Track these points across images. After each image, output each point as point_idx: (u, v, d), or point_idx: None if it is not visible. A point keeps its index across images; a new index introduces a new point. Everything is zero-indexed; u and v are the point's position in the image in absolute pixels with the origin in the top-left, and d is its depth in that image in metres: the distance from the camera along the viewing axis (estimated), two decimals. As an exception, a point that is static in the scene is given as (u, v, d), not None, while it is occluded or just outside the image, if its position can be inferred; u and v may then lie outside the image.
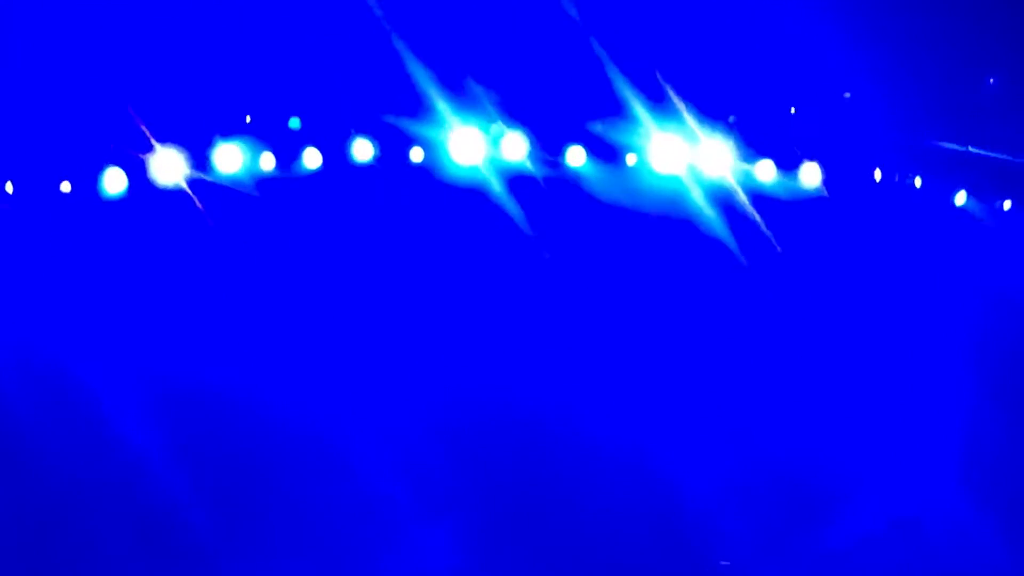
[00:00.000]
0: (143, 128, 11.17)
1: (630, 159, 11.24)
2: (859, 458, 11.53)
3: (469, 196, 11.34)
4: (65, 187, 11.32)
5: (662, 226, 11.40)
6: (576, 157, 11.27)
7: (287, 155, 11.35)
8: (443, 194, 11.41)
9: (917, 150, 11.14)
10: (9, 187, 11.35)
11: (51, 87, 11.03)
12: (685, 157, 11.10)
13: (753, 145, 11.19)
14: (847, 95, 11.19)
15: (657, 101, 11.00)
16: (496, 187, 11.28)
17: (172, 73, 11.11)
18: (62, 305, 11.50)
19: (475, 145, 11.19)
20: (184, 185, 11.31)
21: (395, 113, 11.28)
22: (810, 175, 11.20)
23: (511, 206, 11.33)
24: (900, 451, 11.52)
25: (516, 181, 11.33)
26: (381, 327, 11.80)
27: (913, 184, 11.24)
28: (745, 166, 11.17)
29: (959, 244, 11.32)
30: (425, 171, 11.33)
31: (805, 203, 11.28)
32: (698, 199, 11.16)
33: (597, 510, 11.65)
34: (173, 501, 11.60)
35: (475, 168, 11.25)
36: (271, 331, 11.76)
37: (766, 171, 11.24)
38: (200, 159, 11.32)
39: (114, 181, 11.28)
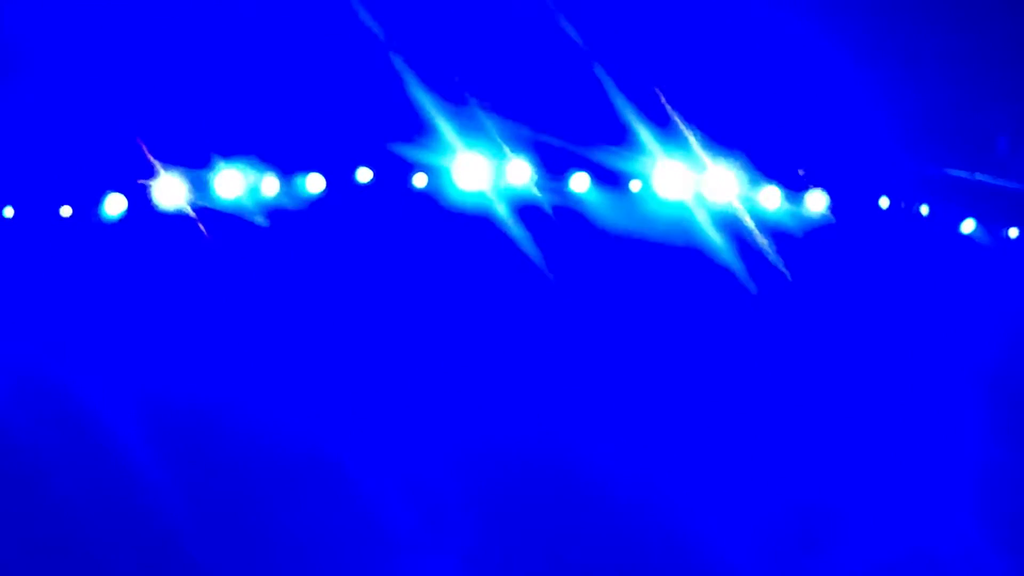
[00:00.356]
0: (145, 152, 11.19)
1: (634, 186, 11.18)
2: (870, 487, 11.46)
3: (474, 223, 11.31)
4: (66, 211, 11.37)
5: (669, 253, 11.35)
6: (580, 183, 11.22)
7: (289, 179, 11.34)
8: (447, 220, 11.39)
9: (924, 177, 11.08)
10: (9, 211, 11.39)
11: (51, 108, 11.07)
12: (691, 184, 11.06)
13: (759, 171, 11.13)
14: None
15: (663, 127, 10.96)
16: (502, 213, 11.25)
17: (168, 93, 11.10)
18: (63, 326, 11.51)
19: (480, 171, 11.14)
20: (188, 209, 11.33)
21: (398, 138, 11.25)
22: (816, 202, 11.15)
23: (517, 232, 11.29)
24: (910, 479, 11.45)
25: (521, 208, 11.29)
26: (382, 350, 11.76)
27: (919, 212, 11.19)
28: (751, 193, 11.12)
29: (966, 272, 11.27)
30: (429, 196, 11.30)
31: (811, 230, 11.22)
32: (705, 226, 11.11)
33: (604, 535, 11.60)
34: (171, 521, 11.58)
35: (480, 194, 11.21)
36: (273, 355, 11.73)
37: (771, 198, 11.19)
38: (201, 183, 11.31)
39: (115, 205, 11.31)
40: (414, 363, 11.71)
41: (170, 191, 11.25)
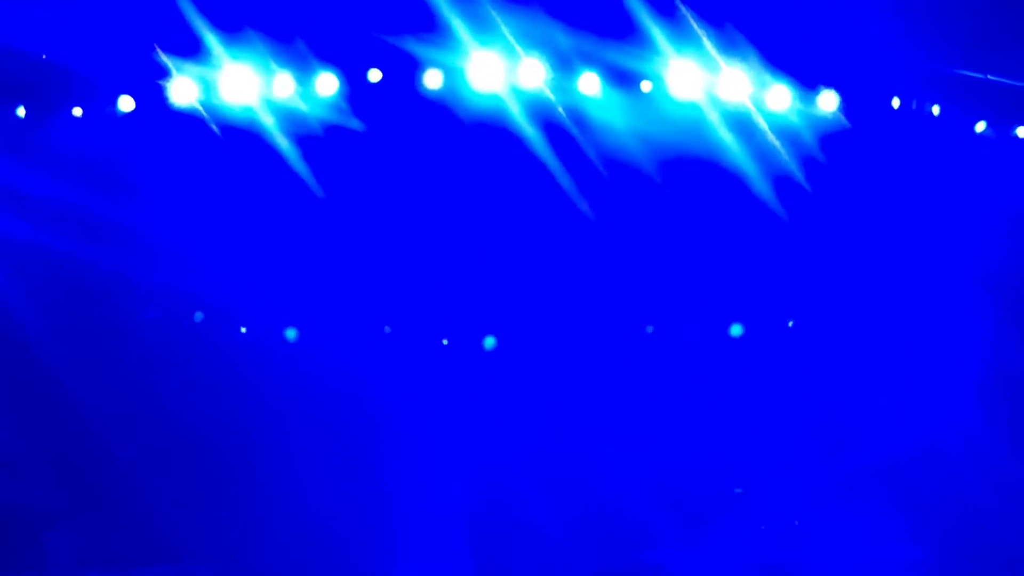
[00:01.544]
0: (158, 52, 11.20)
1: (645, 86, 11.14)
2: (877, 385, 11.65)
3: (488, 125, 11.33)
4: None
5: (681, 155, 11.40)
6: (590, 84, 11.17)
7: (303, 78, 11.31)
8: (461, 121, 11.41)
9: (935, 77, 11.06)
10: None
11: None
12: (703, 83, 11.04)
13: (770, 70, 11.10)
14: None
15: (675, 25, 10.89)
16: (516, 114, 11.25)
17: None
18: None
19: (495, 70, 11.10)
20: (199, 108, 11.35)
21: (411, 36, 11.19)
22: (828, 101, 11.15)
23: (531, 134, 11.32)
24: (918, 375, 11.63)
25: (535, 108, 11.27)
26: (392, 251, 11.91)
27: (931, 112, 11.19)
28: (762, 93, 11.10)
29: (977, 170, 11.32)
30: (442, 97, 11.28)
31: (822, 130, 11.24)
32: (718, 127, 11.12)
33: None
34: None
35: (495, 95, 11.18)
36: (277, 255, 11.89)
37: (781, 97, 11.16)
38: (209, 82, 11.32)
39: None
40: (422, 265, 11.88)
41: (183, 90, 11.32)
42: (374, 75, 11.19)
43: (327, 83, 11.23)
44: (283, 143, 11.52)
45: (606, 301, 11.90)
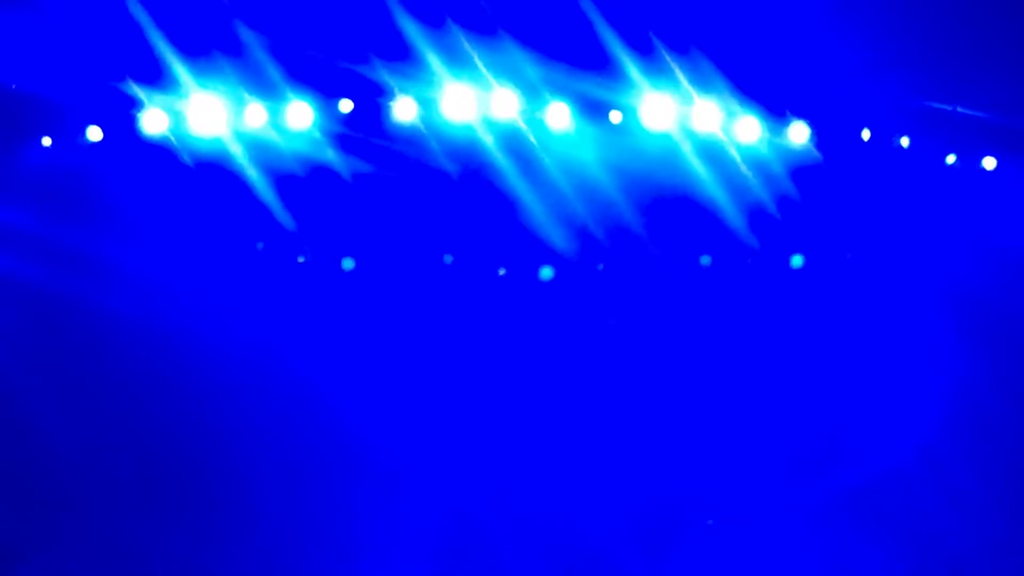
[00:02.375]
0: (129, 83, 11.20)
1: (615, 117, 11.21)
2: (848, 412, 11.76)
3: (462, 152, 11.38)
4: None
5: (654, 185, 11.48)
6: (559, 115, 11.23)
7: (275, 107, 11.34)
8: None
9: (905, 109, 11.21)
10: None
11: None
12: (676, 115, 11.13)
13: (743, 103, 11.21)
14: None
15: (648, 58, 10.98)
16: (489, 144, 11.31)
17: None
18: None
19: (466, 101, 11.16)
20: (170, 137, 11.36)
21: (384, 65, 11.23)
22: (798, 134, 11.27)
23: (504, 163, 11.38)
24: (888, 403, 11.74)
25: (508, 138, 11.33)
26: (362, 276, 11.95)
27: (900, 144, 11.33)
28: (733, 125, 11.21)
29: (945, 201, 11.47)
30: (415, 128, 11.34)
31: (793, 161, 11.36)
32: (690, 157, 11.21)
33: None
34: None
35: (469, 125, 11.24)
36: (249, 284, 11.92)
37: (750, 129, 11.28)
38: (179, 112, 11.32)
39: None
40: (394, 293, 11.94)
41: (154, 120, 11.31)
42: (345, 105, 11.24)
43: (301, 113, 11.28)
44: (253, 174, 11.53)
45: (576, 337, 11.94)
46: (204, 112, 11.22)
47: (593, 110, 11.22)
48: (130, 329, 12.03)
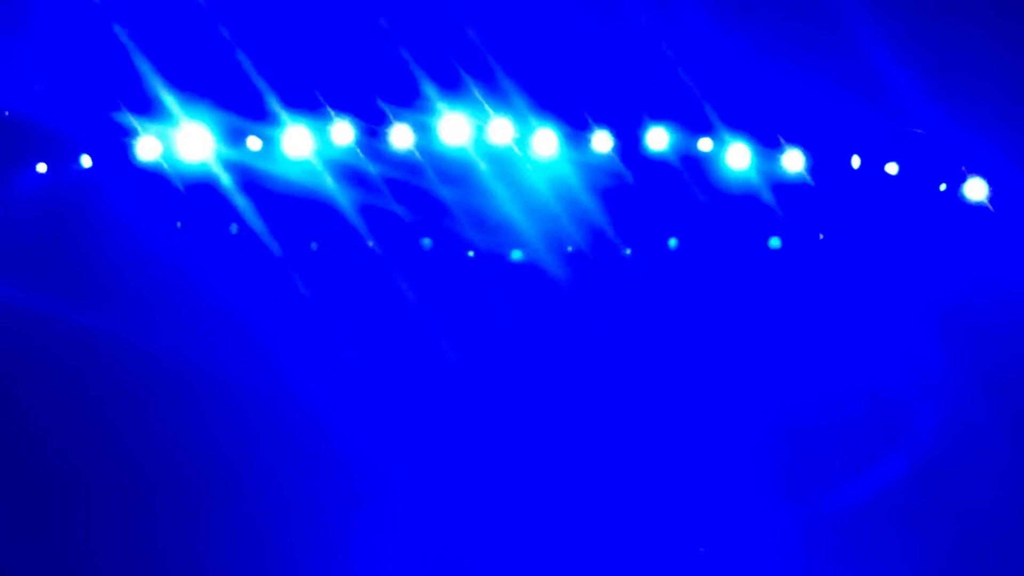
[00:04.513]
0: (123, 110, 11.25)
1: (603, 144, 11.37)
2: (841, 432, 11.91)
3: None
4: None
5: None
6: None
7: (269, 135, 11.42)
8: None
9: (895, 136, 11.34)
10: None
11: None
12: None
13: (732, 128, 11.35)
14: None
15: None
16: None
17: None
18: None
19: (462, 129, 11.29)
20: (163, 164, 11.41)
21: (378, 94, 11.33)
22: (793, 161, 11.40)
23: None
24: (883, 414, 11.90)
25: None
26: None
27: (887, 171, 11.46)
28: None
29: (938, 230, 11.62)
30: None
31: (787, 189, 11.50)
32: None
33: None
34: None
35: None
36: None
37: (740, 156, 11.41)
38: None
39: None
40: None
41: (148, 148, 11.38)
42: (345, 134, 11.32)
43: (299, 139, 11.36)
44: (242, 201, 11.60)
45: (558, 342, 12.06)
46: (194, 140, 11.31)
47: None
48: (121, 353, 12.05)
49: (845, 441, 11.84)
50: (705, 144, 11.32)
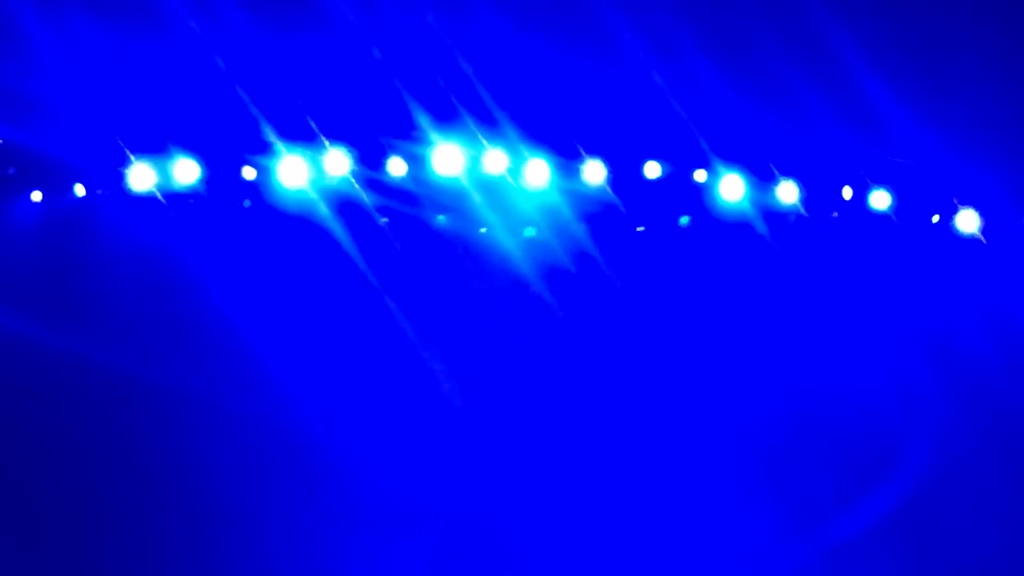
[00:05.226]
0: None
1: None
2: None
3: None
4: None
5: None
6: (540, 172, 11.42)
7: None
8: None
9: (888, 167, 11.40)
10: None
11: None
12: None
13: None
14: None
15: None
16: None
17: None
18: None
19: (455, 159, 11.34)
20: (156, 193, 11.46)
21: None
22: (787, 193, 11.44)
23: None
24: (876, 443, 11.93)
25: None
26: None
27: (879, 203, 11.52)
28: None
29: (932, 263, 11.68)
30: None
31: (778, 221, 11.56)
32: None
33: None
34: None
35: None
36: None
37: (734, 187, 11.45)
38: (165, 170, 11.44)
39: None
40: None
41: (141, 177, 11.43)
42: (340, 164, 11.37)
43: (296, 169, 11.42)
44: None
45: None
46: (186, 169, 11.38)
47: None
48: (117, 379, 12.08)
49: (838, 469, 11.88)
50: (700, 175, 11.37)
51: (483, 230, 11.74)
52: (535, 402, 12.06)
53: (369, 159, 11.44)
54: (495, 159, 11.37)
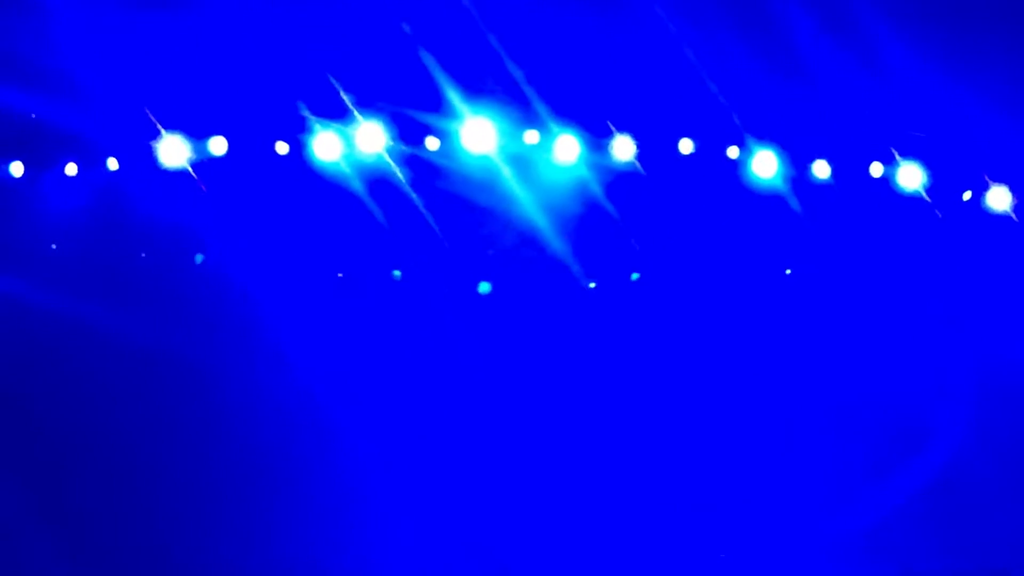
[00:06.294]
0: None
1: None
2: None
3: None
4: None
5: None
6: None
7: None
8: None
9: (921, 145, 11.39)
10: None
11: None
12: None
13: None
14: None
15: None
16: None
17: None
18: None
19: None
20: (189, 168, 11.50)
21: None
22: (821, 170, 11.45)
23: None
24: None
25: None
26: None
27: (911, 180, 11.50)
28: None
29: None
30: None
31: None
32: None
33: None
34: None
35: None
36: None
37: (767, 164, 11.45)
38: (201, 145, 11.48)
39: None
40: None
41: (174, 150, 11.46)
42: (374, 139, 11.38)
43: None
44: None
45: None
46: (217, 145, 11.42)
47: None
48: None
49: (867, 448, 11.90)
50: (732, 152, 11.37)
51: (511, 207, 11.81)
52: (570, 399, 12.14)
53: (402, 134, 11.45)
54: (525, 135, 11.37)
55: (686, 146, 11.31)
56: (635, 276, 11.93)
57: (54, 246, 11.94)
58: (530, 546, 11.94)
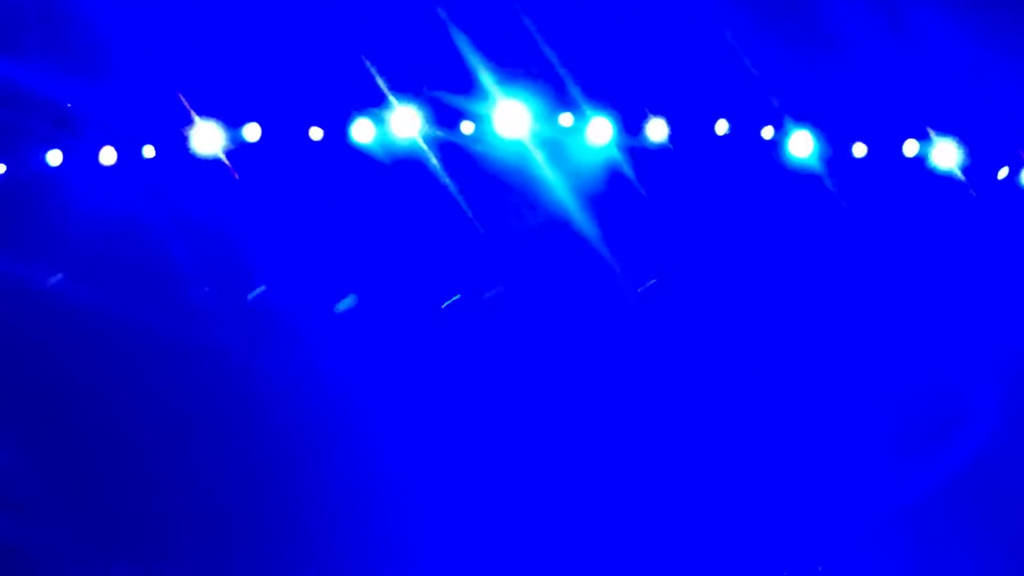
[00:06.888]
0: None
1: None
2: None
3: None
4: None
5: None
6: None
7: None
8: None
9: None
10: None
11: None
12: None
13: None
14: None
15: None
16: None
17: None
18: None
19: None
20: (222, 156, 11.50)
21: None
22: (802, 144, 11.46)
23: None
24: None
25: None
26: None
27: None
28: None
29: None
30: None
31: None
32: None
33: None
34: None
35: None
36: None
37: (803, 144, 11.44)
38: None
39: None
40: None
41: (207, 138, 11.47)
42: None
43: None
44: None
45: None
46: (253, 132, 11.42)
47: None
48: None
49: (902, 432, 11.89)
50: (767, 132, 11.37)
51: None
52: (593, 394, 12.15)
53: (438, 118, 11.45)
54: (561, 118, 11.38)
55: (722, 127, 11.30)
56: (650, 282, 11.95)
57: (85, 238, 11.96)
58: (552, 545, 11.96)
